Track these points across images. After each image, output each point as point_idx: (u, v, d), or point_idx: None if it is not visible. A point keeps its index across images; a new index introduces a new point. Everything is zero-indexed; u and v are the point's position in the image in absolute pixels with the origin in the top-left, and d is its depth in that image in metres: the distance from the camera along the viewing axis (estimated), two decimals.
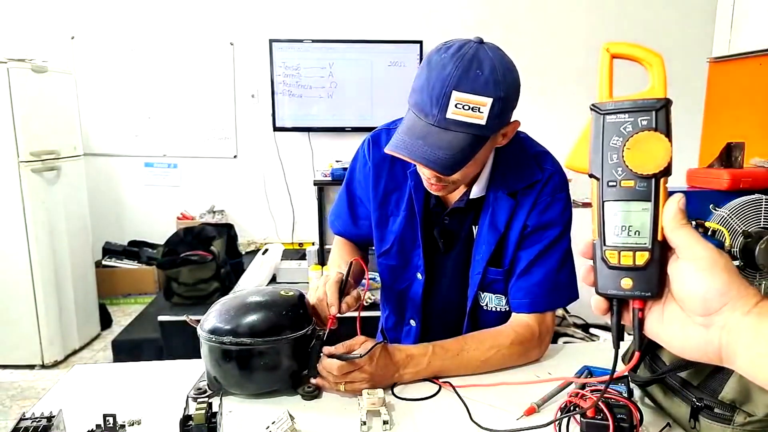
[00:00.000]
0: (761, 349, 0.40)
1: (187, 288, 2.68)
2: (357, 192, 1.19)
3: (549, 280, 1.03)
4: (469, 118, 0.86)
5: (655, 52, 0.46)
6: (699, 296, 0.42)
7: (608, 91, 0.47)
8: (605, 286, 0.47)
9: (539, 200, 1.02)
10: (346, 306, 0.96)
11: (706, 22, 3.65)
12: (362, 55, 3.71)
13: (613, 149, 0.46)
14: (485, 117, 0.86)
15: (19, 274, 2.73)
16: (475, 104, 0.85)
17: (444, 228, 1.09)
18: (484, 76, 0.85)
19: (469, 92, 0.85)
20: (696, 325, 0.43)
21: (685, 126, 3.80)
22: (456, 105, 0.85)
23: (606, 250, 0.46)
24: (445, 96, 0.85)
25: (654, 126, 0.45)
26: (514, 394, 0.90)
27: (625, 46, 0.47)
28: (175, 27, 3.73)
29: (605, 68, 0.47)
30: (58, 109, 2.93)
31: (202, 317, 0.92)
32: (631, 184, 0.45)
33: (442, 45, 0.90)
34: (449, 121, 0.86)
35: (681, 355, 0.45)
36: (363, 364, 0.89)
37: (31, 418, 0.71)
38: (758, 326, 0.40)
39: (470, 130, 0.87)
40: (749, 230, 1.70)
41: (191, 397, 0.86)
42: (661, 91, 0.45)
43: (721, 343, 0.42)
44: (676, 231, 0.43)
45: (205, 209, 3.90)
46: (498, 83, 0.86)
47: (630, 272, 0.45)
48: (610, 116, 0.46)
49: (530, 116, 1.55)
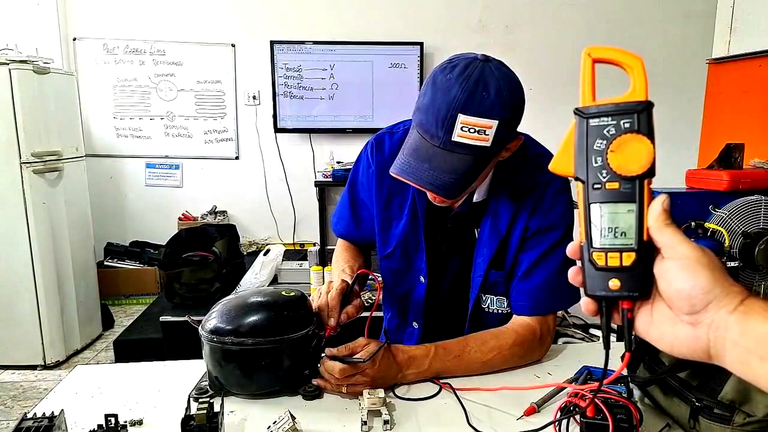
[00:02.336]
0: (748, 346, 0.40)
1: (189, 288, 2.68)
2: (360, 195, 1.19)
3: (550, 282, 1.03)
4: (474, 141, 0.85)
5: (635, 56, 0.46)
6: (684, 294, 0.43)
7: (591, 95, 0.48)
8: (593, 288, 0.47)
9: (541, 203, 1.02)
10: (346, 316, 0.97)
11: (705, 24, 3.65)
12: (363, 56, 3.71)
13: (597, 152, 0.46)
14: (491, 139, 0.86)
15: (22, 274, 2.73)
16: (481, 127, 0.85)
17: (447, 232, 1.09)
18: (490, 99, 0.84)
19: (475, 115, 0.84)
20: (684, 323, 0.44)
21: (685, 127, 3.81)
22: (462, 128, 0.85)
23: (593, 252, 0.47)
24: (450, 118, 0.84)
25: (637, 128, 0.45)
26: (514, 394, 0.91)
27: (605, 50, 0.48)
28: (177, 29, 3.74)
29: (587, 72, 0.48)
30: (60, 110, 2.93)
31: (204, 317, 0.92)
32: (615, 185, 0.46)
33: (447, 64, 0.89)
34: (455, 144, 0.86)
35: (671, 353, 0.46)
36: (365, 367, 0.89)
37: (33, 419, 0.71)
38: (744, 323, 0.41)
39: (475, 152, 0.87)
40: (749, 231, 1.70)
41: (193, 398, 0.86)
42: (642, 93, 0.46)
43: (709, 340, 0.43)
44: (661, 231, 0.44)
45: (207, 210, 3.91)
46: (504, 105, 0.85)
47: (617, 273, 0.46)
48: (593, 119, 0.47)
49: (530, 116, 1.55)
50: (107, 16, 3.71)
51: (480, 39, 3.79)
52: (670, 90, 3.78)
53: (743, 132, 2.93)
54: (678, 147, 3.73)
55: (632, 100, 0.46)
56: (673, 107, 3.79)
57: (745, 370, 0.41)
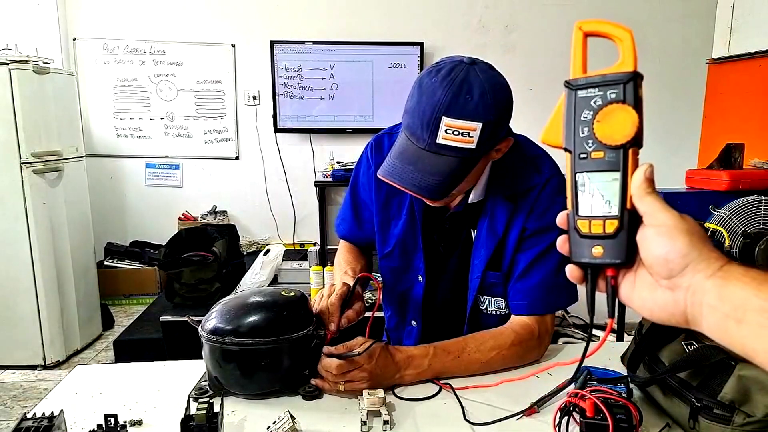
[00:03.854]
0: (725, 310, 0.41)
1: (189, 288, 2.68)
2: (361, 196, 1.20)
3: (548, 282, 1.03)
4: (459, 143, 0.86)
5: (624, 28, 0.47)
6: (661, 258, 0.44)
7: (581, 68, 0.49)
8: (578, 255, 0.48)
9: (538, 204, 1.02)
10: (346, 321, 0.97)
11: (705, 24, 3.65)
12: (363, 56, 3.71)
13: (584, 123, 0.47)
14: (475, 141, 0.87)
15: (22, 274, 2.73)
16: (465, 129, 0.86)
17: (444, 232, 1.10)
18: (474, 101, 0.85)
19: (459, 118, 0.85)
20: (663, 288, 0.45)
21: (685, 127, 3.81)
22: (446, 130, 0.86)
23: (578, 220, 0.48)
24: (435, 121, 0.86)
25: (622, 98, 0.46)
26: (514, 394, 0.91)
27: (595, 23, 0.49)
28: (177, 28, 3.74)
29: (578, 46, 0.49)
30: (60, 110, 2.93)
31: (203, 318, 0.92)
32: (600, 155, 0.47)
33: (433, 67, 0.90)
34: (440, 146, 0.87)
35: (651, 318, 0.47)
36: (362, 362, 0.90)
37: (33, 419, 0.71)
38: (722, 288, 0.41)
39: (461, 154, 0.88)
40: (749, 231, 1.70)
41: (192, 398, 0.86)
42: (630, 64, 0.46)
43: (686, 305, 0.43)
44: (642, 199, 0.45)
45: (207, 210, 3.91)
46: (488, 107, 0.86)
47: (600, 240, 0.47)
48: (581, 91, 0.48)
49: (529, 116, 1.55)
50: (107, 16, 3.71)
51: (480, 39, 3.79)
52: (670, 90, 3.78)
53: (743, 132, 2.93)
54: (678, 147, 3.73)
55: (620, 71, 0.46)
56: (673, 107, 3.78)
57: (722, 335, 0.42)
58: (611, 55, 0.53)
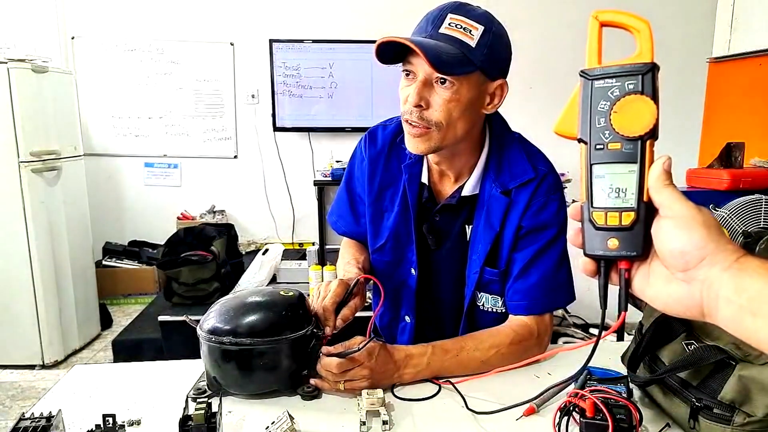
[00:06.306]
0: (741, 303, 0.41)
1: (188, 288, 2.68)
2: (357, 190, 1.19)
3: (546, 281, 1.03)
4: (460, 35, 0.90)
5: (642, 19, 0.47)
6: (677, 251, 0.43)
7: (597, 58, 0.48)
8: (592, 248, 0.48)
9: (533, 201, 1.01)
10: (342, 321, 0.97)
11: (706, 23, 3.65)
12: (362, 55, 3.70)
13: (600, 113, 0.47)
14: (476, 40, 0.90)
15: (20, 274, 2.73)
16: (468, 26, 0.90)
17: (433, 225, 1.09)
18: (480, 11, 0.93)
19: (464, 16, 0.91)
20: (678, 281, 0.44)
21: (685, 126, 3.80)
22: (449, 24, 0.91)
23: (593, 212, 0.47)
24: (440, 17, 0.92)
25: (641, 89, 0.45)
26: (514, 394, 0.90)
27: (612, 13, 0.48)
28: (175, 27, 3.73)
29: (594, 36, 0.49)
30: (59, 109, 2.93)
31: (202, 317, 0.92)
32: (617, 146, 0.46)
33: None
34: (440, 35, 0.90)
35: (665, 311, 0.46)
36: (362, 360, 0.89)
37: (31, 418, 0.71)
38: (738, 280, 0.41)
39: (461, 47, 0.89)
40: (749, 230, 1.70)
41: (191, 398, 0.86)
42: (648, 55, 0.46)
43: (702, 297, 0.43)
44: (660, 191, 0.45)
45: (206, 209, 3.90)
46: (491, 20, 0.93)
47: (616, 233, 0.46)
48: (597, 81, 0.47)
49: (529, 115, 1.55)
50: (106, 14, 3.70)
51: None
52: (671, 89, 3.77)
53: (744, 131, 2.93)
54: (678, 146, 3.71)
55: (637, 62, 0.46)
56: (674, 106, 3.78)
57: (737, 327, 0.42)
58: (612, 48, 0.53)
